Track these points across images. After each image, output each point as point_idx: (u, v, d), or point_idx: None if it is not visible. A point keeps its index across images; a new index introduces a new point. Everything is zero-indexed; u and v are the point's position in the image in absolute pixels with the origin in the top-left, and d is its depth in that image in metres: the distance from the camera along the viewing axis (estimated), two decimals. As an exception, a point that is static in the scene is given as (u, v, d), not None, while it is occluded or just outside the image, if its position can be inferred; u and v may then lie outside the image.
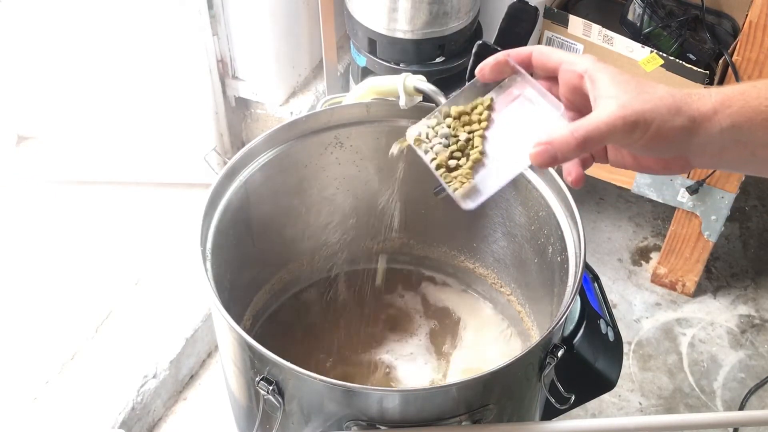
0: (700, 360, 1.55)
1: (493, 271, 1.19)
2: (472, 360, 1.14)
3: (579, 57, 0.68)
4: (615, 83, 0.64)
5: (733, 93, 0.62)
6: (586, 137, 0.63)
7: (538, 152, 0.65)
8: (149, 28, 1.45)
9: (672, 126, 0.62)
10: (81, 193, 1.58)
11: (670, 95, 0.63)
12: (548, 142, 0.64)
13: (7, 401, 1.27)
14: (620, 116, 0.62)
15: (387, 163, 1.11)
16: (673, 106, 0.62)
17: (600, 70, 0.65)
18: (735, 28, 1.49)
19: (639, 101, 0.62)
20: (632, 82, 0.64)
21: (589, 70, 0.66)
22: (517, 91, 0.72)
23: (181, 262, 1.47)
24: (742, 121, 0.62)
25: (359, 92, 1.05)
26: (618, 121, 0.62)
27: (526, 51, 0.71)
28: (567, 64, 0.68)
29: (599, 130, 0.63)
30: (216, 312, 0.87)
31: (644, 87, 0.64)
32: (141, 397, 1.31)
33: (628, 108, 0.62)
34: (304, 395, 0.84)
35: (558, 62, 0.68)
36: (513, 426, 0.91)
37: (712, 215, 1.52)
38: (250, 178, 1.01)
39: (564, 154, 0.64)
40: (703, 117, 0.62)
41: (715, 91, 0.63)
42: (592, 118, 0.63)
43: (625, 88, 0.64)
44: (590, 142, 0.63)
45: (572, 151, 0.64)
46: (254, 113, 1.62)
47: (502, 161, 0.74)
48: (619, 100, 0.63)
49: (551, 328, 0.85)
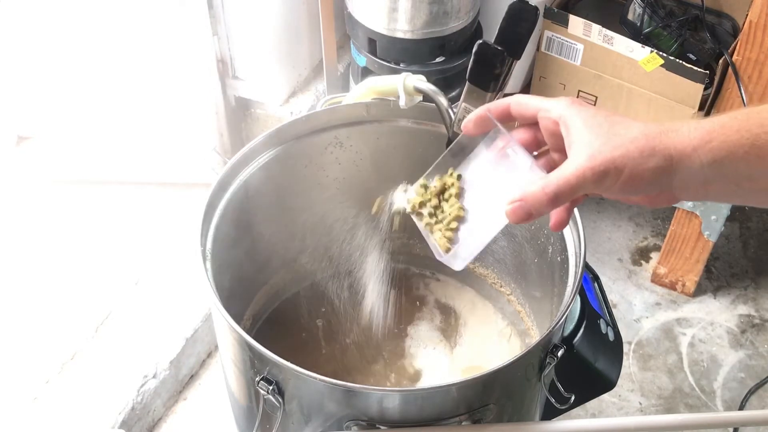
0: (700, 360, 1.55)
1: (493, 271, 1.19)
2: (473, 359, 1.14)
3: (554, 102, 0.67)
4: (587, 127, 0.63)
5: (713, 127, 0.61)
6: (557, 192, 0.63)
7: (513, 210, 0.66)
8: (149, 28, 1.45)
9: (646, 168, 0.61)
10: (81, 193, 1.58)
11: (644, 136, 0.62)
12: (521, 199, 0.65)
13: (7, 401, 1.27)
14: (589, 167, 0.62)
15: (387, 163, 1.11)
16: (646, 147, 0.61)
17: (573, 116, 0.65)
18: (735, 28, 1.49)
19: (609, 147, 0.62)
20: (605, 125, 0.63)
21: (563, 116, 0.65)
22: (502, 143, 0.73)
23: (181, 262, 1.47)
24: (723, 155, 0.61)
25: (359, 92, 1.05)
26: (587, 172, 0.62)
27: (505, 103, 0.70)
28: (543, 111, 0.67)
29: (569, 183, 0.63)
30: (216, 312, 0.87)
31: (617, 129, 0.63)
32: (141, 397, 1.31)
33: (597, 157, 0.62)
34: (304, 395, 0.84)
35: (535, 110, 0.68)
36: (513, 426, 0.91)
37: (712, 215, 1.52)
38: (250, 178, 1.01)
39: (538, 210, 0.65)
40: (681, 154, 0.61)
41: (695, 125, 0.62)
42: (562, 171, 0.63)
43: (597, 133, 0.63)
44: (562, 196, 0.63)
45: (545, 206, 0.64)
46: (254, 113, 1.62)
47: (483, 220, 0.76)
48: (590, 148, 0.62)
49: (551, 328, 0.85)
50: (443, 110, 0.98)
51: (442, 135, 0.99)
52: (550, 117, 0.67)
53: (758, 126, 0.60)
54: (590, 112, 0.65)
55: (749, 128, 0.60)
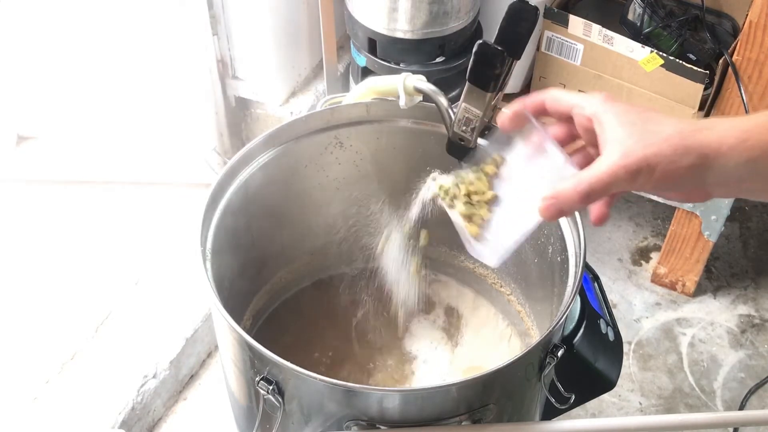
0: (700, 360, 1.55)
1: (493, 271, 1.19)
2: (473, 359, 1.14)
3: (588, 98, 0.67)
4: (621, 125, 0.64)
5: (749, 125, 0.61)
6: (589, 190, 0.64)
7: (545, 206, 0.66)
8: (149, 28, 1.45)
9: (679, 166, 0.62)
10: (81, 193, 1.58)
11: (678, 133, 0.62)
12: (554, 197, 0.66)
13: (7, 401, 1.27)
14: (621, 165, 0.62)
15: (387, 163, 1.11)
16: (679, 145, 0.62)
17: (607, 112, 0.65)
18: (735, 28, 1.49)
19: (642, 145, 0.62)
20: (638, 122, 0.64)
21: (596, 113, 0.66)
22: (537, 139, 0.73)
23: (181, 262, 1.47)
24: (758, 154, 0.61)
25: (359, 92, 1.05)
26: (620, 171, 0.62)
27: (540, 98, 0.71)
28: (577, 108, 0.68)
29: (601, 181, 0.63)
30: (216, 312, 0.87)
31: (650, 126, 0.63)
32: (141, 397, 1.31)
33: (630, 155, 0.62)
34: (304, 395, 0.84)
35: (570, 107, 0.69)
36: (513, 426, 0.91)
37: (712, 215, 1.52)
38: (250, 178, 1.01)
39: (570, 207, 0.65)
40: (716, 152, 0.61)
41: (730, 123, 0.62)
42: (594, 169, 0.64)
43: (630, 130, 0.63)
44: (593, 194, 0.64)
45: (577, 204, 0.65)
46: (254, 113, 1.62)
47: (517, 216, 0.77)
48: (623, 146, 0.63)
49: (551, 328, 0.85)
50: (443, 110, 0.98)
51: (442, 135, 0.99)
52: (584, 114, 0.67)
53: None
54: (624, 109, 0.65)
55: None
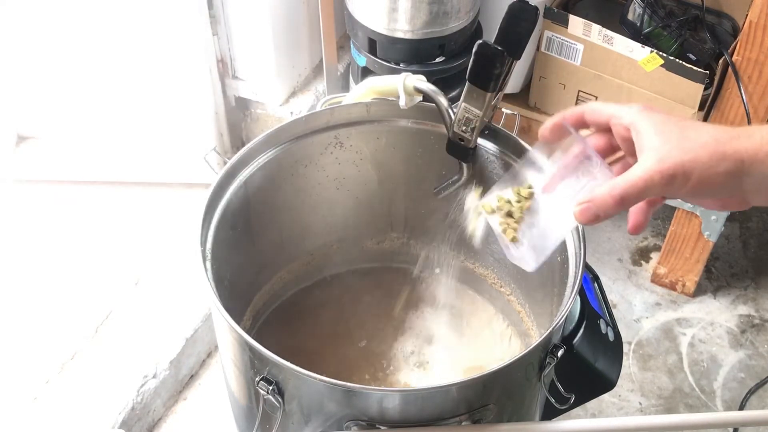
0: (700, 360, 1.55)
1: (493, 271, 1.19)
2: (473, 360, 1.14)
3: (626, 109, 0.68)
4: (658, 133, 0.65)
5: None
6: (624, 195, 0.65)
7: (581, 210, 0.68)
8: (149, 28, 1.45)
9: (716, 172, 0.62)
10: (81, 193, 1.58)
11: (714, 140, 0.63)
12: (589, 201, 0.67)
13: (7, 401, 1.27)
14: (657, 170, 0.63)
15: (387, 163, 1.11)
16: (716, 152, 0.62)
17: (644, 120, 0.66)
18: (735, 28, 1.49)
19: (678, 152, 0.63)
20: (675, 130, 0.64)
21: (634, 122, 0.67)
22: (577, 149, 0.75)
23: (181, 262, 1.47)
24: None
25: (359, 92, 1.05)
26: (655, 176, 0.63)
27: (579, 110, 0.72)
28: (615, 118, 0.69)
29: (636, 187, 0.64)
30: (216, 312, 0.87)
31: (687, 133, 0.64)
32: (141, 397, 1.31)
33: (666, 161, 0.63)
34: (304, 395, 0.84)
35: (608, 117, 0.70)
36: (513, 426, 0.91)
37: (712, 215, 1.52)
38: (250, 178, 1.01)
39: (605, 212, 0.66)
40: (753, 159, 0.62)
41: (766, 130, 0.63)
42: (630, 175, 0.64)
43: (666, 138, 0.64)
44: (628, 199, 0.65)
45: (612, 209, 0.66)
46: (254, 113, 1.62)
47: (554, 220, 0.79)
48: (659, 152, 0.63)
49: (551, 328, 0.85)
50: (443, 110, 0.98)
51: (442, 135, 0.99)
52: (622, 123, 0.68)
53: None
54: (661, 118, 0.66)
55: None
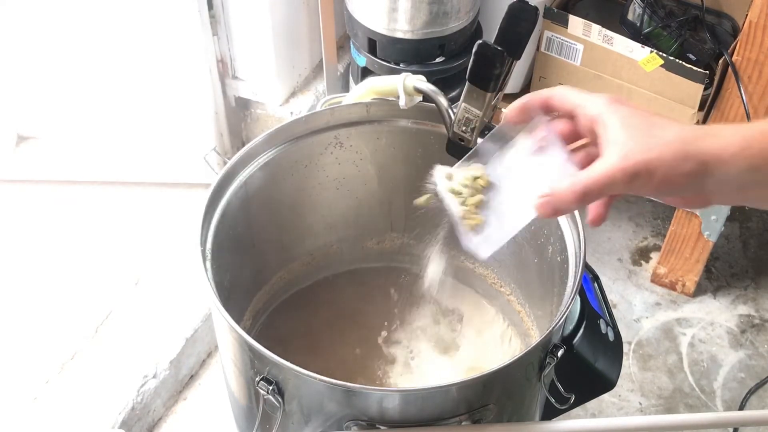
0: (700, 360, 1.55)
1: (493, 271, 1.19)
2: (473, 359, 1.14)
3: (593, 99, 0.67)
4: (624, 127, 0.63)
5: (752, 133, 0.61)
6: (585, 191, 0.63)
7: (541, 204, 0.66)
8: (149, 28, 1.45)
9: (680, 172, 0.61)
10: (81, 193, 1.58)
11: (680, 139, 0.62)
12: (550, 195, 0.65)
13: (7, 401, 1.27)
14: (620, 168, 0.62)
15: (387, 163, 1.11)
16: (680, 151, 0.61)
17: (611, 113, 0.65)
18: (735, 28, 1.49)
19: (643, 149, 0.62)
20: (642, 126, 0.63)
21: (600, 114, 0.65)
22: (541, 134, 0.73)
23: (181, 262, 1.47)
24: (761, 162, 0.60)
25: (359, 92, 1.05)
26: (618, 173, 0.62)
27: (548, 94, 0.71)
28: (581, 108, 0.67)
29: (598, 183, 0.63)
30: (216, 312, 0.87)
31: (653, 131, 0.62)
32: (141, 397, 1.31)
33: (629, 158, 0.62)
34: (304, 395, 0.84)
35: (574, 106, 0.68)
36: (513, 426, 0.91)
37: (712, 215, 1.52)
38: (250, 178, 1.01)
39: (566, 206, 0.65)
40: (717, 160, 0.61)
41: (732, 130, 0.62)
42: (592, 171, 0.63)
43: (632, 134, 0.63)
44: (590, 195, 0.64)
45: (572, 204, 0.64)
46: (254, 113, 1.62)
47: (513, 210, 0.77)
48: (623, 149, 0.62)
49: (551, 328, 0.85)
50: (443, 110, 0.98)
51: (442, 135, 0.99)
52: (587, 114, 0.67)
53: None
54: (628, 112, 0.65)
55: None
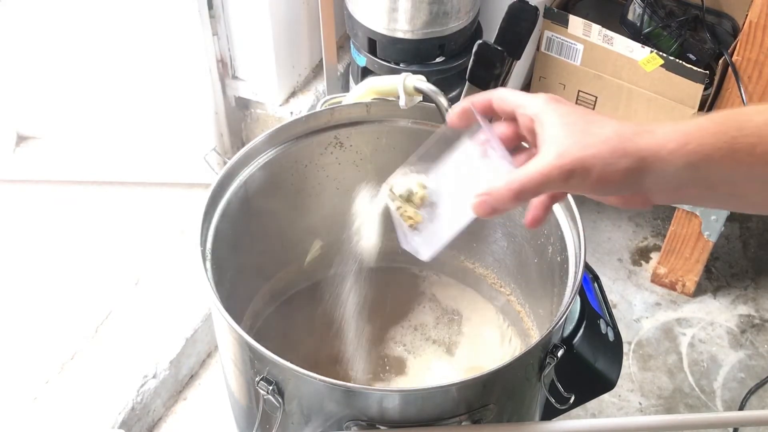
0: (700, 360, 1.55)
1: (493, 271, 1.19)
2: (473, 359, 1.14)
3: (531, 99, 0.66)
4: (561, 125, 0.63)
5: (690, 129, 0.60)
6: (521, 189, 0.63)
7: (478, 203, 0.66)
8: (149, 28, 1.45)
9: (616, 169, 0.60)
10: (81, 193, 1.58)
11: (617, 136, 0.61)
12: (487, 194, 0.65)
13: (7, 401, 1.27)
14: (556, 165, 0.61)
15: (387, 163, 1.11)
16: (617, 148, 0.60)
17: (549, 112, 0.64)
18: (735, 28, 1.49)
19: (579, 147, 0.61)
20: (579, 123, 0.62)
21: (538, 113, 0.65)
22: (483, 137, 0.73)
23: (181, 262, 1.47)
24: (699, 159, 0.59)
25: (359, 92, 1.05)
26: (554, 171, 0.61)
27: (488, 97, 0.70)
28: (521, 108, 0.67)
29: (533, 180, 0.62)
30: (216, 312, 0.87)
31: (591, 128, 0.62)
32: (141, 397, 1.31)
33: (565, 156, 0.61)
34: (304, 395, 0.85)
35: (514, 107, 0.68)
36: (513, 426, 0.91)
37: (712, 215, 1.52)
38: (250, 178, 1.01)
39: (503, 205, 0.64)
40: (654, 157, 0.60)
41: (671, 127, 0.61)
42: (528, 169, 0.63)
43: (569, 131, 0.62)
44: (526, 193, 0.63)
45: (509, 203, 0.64)
46: (254, 113, 1.62)
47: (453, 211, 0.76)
48: (560, 146, 0.62)
49: (551, 328, 0.85)
50: (443, 110, 0.98)
51: (442, 135, 0.99)
52: (527, 114, 0.66)
53: (736, 129, 0.58)
54: (566, 110, 0.64)
55: (727, 131, 0.58)
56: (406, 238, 0.79)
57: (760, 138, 0.58)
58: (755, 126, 0.58)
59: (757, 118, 0.58)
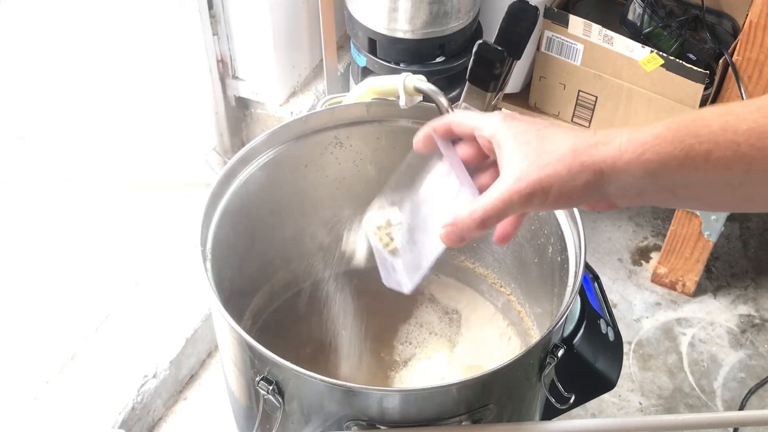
0: (700, 360, 1.55)
1: (493, 271, 1.19)
2: (472, 359, 1.14)
3: (487, 120, 0.67)
4: (517, 146, 0.63)
5: (646, 138, 0.60)
6: (484, 218, 0.64)
7: (446, 234, 0.66)
8: (149, 29, 1.45)
9: (575, 185, 0.61)
10: (81, 193, 1.58)
11: (572, 152, 0.61)
12: (452, 224, 0.66)
13: (7, 401, 1.27)
14: (515, 191, 0.62)
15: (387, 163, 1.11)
16: (573, 164, 0.61)
17: (504, 133, 0.65)
18: (735, 28, 1.49)
19: (536, 168, 0.62)
20: (534, 142, 0.63)
21: (494, 135, 0.65)
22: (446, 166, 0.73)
23: (181, 262, 1.47)
24: (656, 167, 0.59)
25: (359, 92, 1.05)
26: (514, 196, 0.62)
27: (446, 121, 0.70)
28: (478, 130, 0.67)
29: (495, 208, 0.63)
30: (216, 312, 0.87)
31: (546, 145, 0.62)
32: (141, 397, 1.31)
33: (523, 180, 0.62)
34: (304, 395, 0.85)
35: (471, 129, 0.68)
36: (513, 426, 0.91)
37: (712, 215, 1.52)
38: (250, 178, 1.01)
39: (469, 234, 0.65)
40: (611, 168, 0.60)
41: (627, 136, 0.61)
42: (488, 197, 0.63)
43: (525, 152, 0.63)
44: (489, 221, 0.64)
45: (475, 231, 0.65)
46: (254, 113, 1.62)
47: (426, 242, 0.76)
48: (517, 170, 0.62)
49: (551, 328, 0.85)
50: (443, 110, 0.98)
51: (442, 135, 0.99)
52: (483, 136, 0.67)
53: (692, 136, 0.58)
54: (521, 128, 0.64)
55: (683, 139, 0.58)
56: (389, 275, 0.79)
57: (716, 144, 0.58)
58: (711, 132, 0.58)
59: (714, 123, 0.58)
